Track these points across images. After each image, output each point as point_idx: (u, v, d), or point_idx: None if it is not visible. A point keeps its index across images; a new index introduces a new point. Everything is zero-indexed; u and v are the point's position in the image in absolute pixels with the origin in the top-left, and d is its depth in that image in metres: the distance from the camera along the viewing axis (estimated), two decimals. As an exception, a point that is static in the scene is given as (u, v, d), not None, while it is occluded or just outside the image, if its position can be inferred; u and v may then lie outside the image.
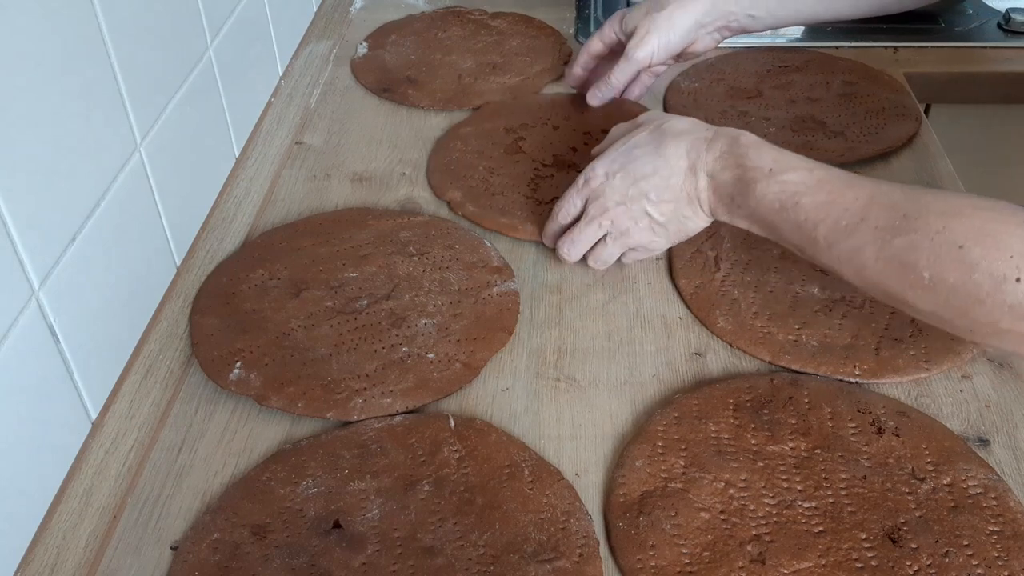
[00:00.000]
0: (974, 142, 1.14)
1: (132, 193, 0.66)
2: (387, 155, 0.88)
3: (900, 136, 0.87)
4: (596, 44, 0.89)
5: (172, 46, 0.74)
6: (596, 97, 0.88)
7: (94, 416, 0.62)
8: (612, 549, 0.54)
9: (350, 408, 0.61)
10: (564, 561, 0.52)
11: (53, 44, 0.56)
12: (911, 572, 0.51)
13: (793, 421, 0.60)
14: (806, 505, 0.55)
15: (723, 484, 0.56)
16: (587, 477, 0.58)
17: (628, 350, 0.67)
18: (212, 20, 0.81)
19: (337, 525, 0.54)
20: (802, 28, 1.11)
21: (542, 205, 0.78)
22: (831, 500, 0.55)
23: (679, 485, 0.56)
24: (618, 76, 0.85)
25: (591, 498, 0.57)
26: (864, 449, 0.58)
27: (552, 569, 0.52)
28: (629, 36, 0.84)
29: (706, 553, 0.52)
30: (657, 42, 0.83)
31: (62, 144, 0.57)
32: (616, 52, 0.87)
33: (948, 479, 0.56)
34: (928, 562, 0.52)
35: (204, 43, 0.80)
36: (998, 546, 0.52)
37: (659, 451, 0.58)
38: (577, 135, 0.87)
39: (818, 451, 0.58)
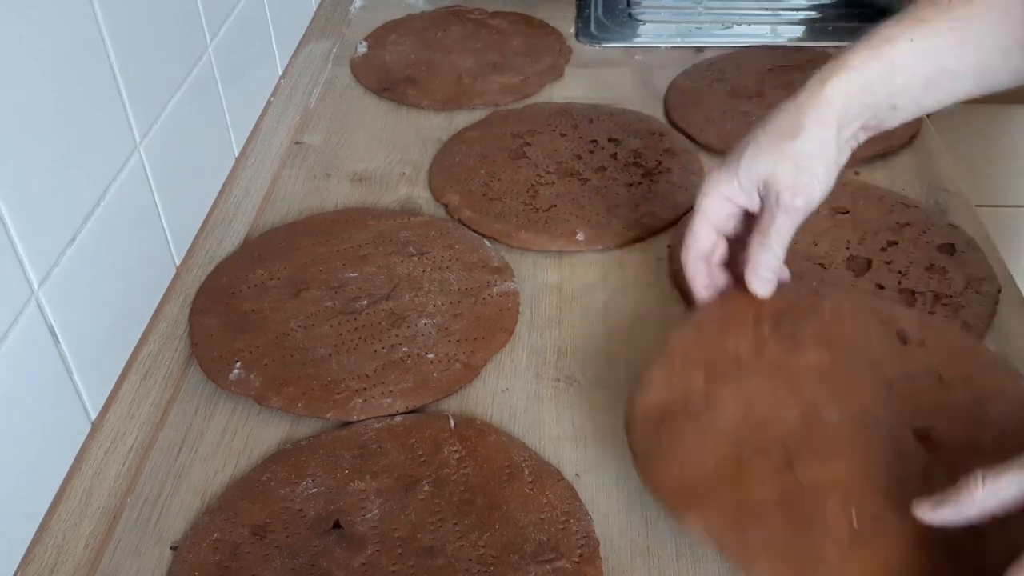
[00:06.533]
0: (974, 142, 1.14)
1: (132, 193, 0.66)
2: (387, 155, 0.88)
3: (900, 136, 0.86)
4: (702, 237, 0.62)
5: (171, 45, 0.74)
6: (767, 281, 0.61)
7: (94, 416, 0.62)
8: (636, 459, 0.53)
9: (350, 408, 0.61)
10: (564, 561, 0.52)
11: (52, 44, 0.56)
12: (940, 470, 0.50)
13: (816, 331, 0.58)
14: (833, 413, 0.53)
15: (745, 396, 0.54)
16: (587, 477, 0.58)
17: (628, 350, 0.67)
18: (211, 19, 0.81)
19: (337, 525, 0.54)
20: (803, 27, 1.11)
21: (539, 212, 0.78)
22: (857, 408, 0.54)
23: (701, 399, 0.55)
24: (780, 239, 0.60)
25: (591, 498, 0.57)
26: (889, 358, 0.56)
27: (552, 569, 0.52)
28: (763, 187, 0.60)
29: (731, 462, 0.51)
30: (814, 177, 0.59)
31: (62, 144, 0.57)
32: (750, 218, 0.62)
33: (974, 384, 0.55)
34: (957, 459, 0.50)
35: (203, 42, 0.80)
36: None
37: (678, 367, 0.57)
38: (583, 143, 0.87)
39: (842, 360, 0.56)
